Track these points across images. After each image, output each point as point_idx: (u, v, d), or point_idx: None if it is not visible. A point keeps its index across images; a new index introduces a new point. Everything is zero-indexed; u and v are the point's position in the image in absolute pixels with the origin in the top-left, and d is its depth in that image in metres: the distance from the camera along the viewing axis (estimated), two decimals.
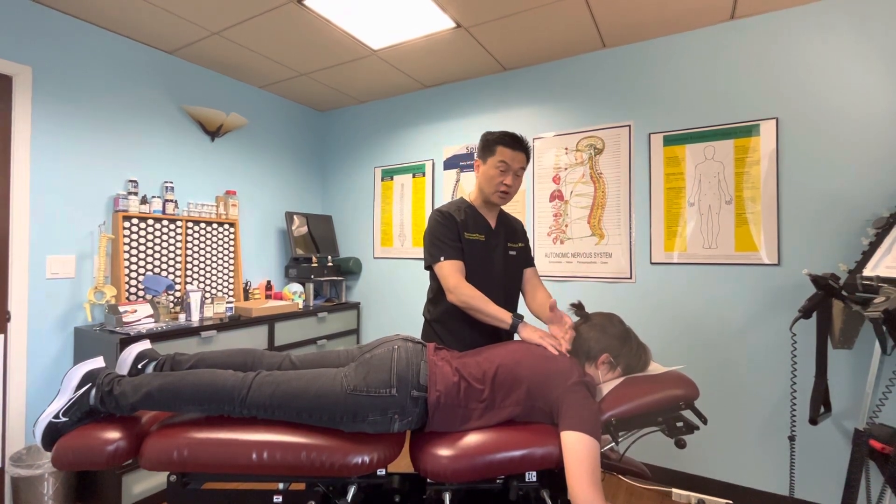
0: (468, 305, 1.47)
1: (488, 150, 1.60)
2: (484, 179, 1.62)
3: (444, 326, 1.63)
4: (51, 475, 2.04)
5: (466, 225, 1.62)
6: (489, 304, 1.45)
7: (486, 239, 1.65)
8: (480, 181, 1.64)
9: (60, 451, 1.09)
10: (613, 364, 1.32)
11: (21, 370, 2.16)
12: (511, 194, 1.62)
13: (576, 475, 1.03)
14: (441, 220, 1.60)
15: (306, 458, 1.10)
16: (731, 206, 2.33)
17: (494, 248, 1.66)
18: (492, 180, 1.59)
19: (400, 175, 3.47)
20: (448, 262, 1.53)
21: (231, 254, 3.04)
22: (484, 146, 1.62)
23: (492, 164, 1.59)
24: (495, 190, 1.60)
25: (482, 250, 1.63)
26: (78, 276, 2.37)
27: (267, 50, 2.74)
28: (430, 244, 1.59)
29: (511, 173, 1.58)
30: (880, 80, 2.04)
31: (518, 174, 1.60)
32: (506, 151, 1.57)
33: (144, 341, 1.36)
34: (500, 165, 1.57)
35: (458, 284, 1.49)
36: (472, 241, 1.61)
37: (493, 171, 1.58)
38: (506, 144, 1.57)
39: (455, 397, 1.19)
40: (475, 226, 1.64)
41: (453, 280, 1.50)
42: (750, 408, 2.28)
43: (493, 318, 1.44)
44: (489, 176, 1.60)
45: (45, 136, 2.25)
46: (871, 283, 1.67)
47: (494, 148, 1.58)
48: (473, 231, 1.63)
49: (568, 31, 2.48)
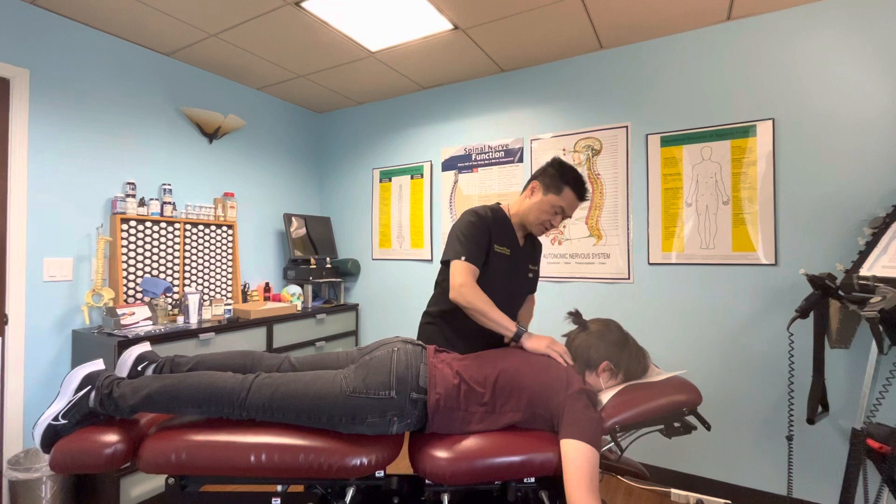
0: (471, 305, 1.42)
1: (555, 186, 1.52)
2: (535, 208, 1.55)
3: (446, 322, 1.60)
4: (49, 478, 2.03)
5: (498, 236, 1.57)
6: (494, 310, 1.42)
7: (511, 254, 1.60)
8: (530, 206, 1.57)
9: (59, 454, 1.09)
10: (614, 371, 1.32)
11: (19, 373, 2.16)
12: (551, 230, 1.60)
13: (574, 483, 1.03)
14: (475, 223, 1.54)
15: (304, 459, 1.10)
16: (728, 207, 2.34)
17: (516, 266, 1.62)
18: (542, 215, 1.55)
19: (398, 176, 3.48)
20: (465, 263, 1.48)
21: (229, 256, 3.04)
22: (553, 178, 1.53)
23: (550, 202, 1.53)
24: (540, 224, 1.56)
25: (505, 265, 1.58)
26: (76, 279, 2.36)
27: (265, 52, 2.74)
28: (455, 240, 1.53)
29: (562, 216, 1.55)
30: (877, 80, 2.05)
31: (566, 218, 1.58)
32: (571, 198, 1.52)
33: (144, 343, 1.36)
34: (558, 209, 1.53)
35: (466, 283, 1.44)
36: (498, 254, 1.56)
37: (547, 209, 1.53)
38: (575, 192, 1.52)
39: (455, 399, 1.19)
40: (505, 239, 1.59)
41: (462, 279, 1.45)
42: (748, 407, 2.29)
43: (496, 324, 1.40)
44: (541, 210, 1.54)
45: (42, 139, 2.25)
46: (868, 282, 1.68)
47: (562, 187, 1.52)
48: (502, 244, 1.58)
49: (565, 32, 2.49)
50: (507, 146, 3.01)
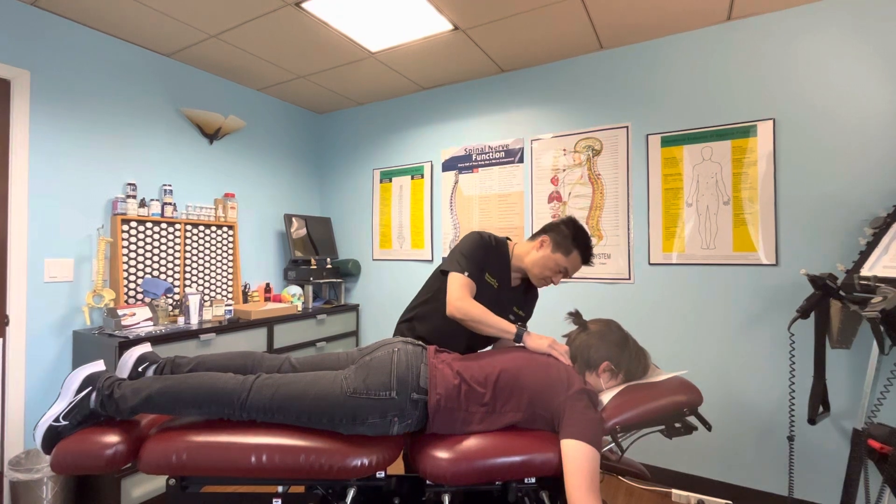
0: (469, 317, 1.43)
1: (564, 246, 1.54)
2: (539, 262, 1.56)
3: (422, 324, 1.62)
4: (50, 479, 2.03)
5: (492, 266, 1.59)
6: (491, 316, 1.42)
7: (498, 288, 1.60)
8: (535, 259, 1.57)
9: (60, 455, 1.09)
10: (615, 371, 1.32)
11: (20, 374, 2.16)
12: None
13: (575, 483, 1.03)
14: (481, 245, 1.58)
15: (305, 460, 1.10)
16: (728, 207, 2.34)
17: (500, 302, 1.60)
18: (544, 270, 1.56)
19: (398, 177, 3.48)
20: (464, 278, 1.50)
21: (230, 256, 3.04)
22: (564, 238, 1.55)
23: (557, 261, 1.54)
24: (542, 278, 1.58)
25: (490, 296, 1.57)
26: (76, 280, 2.36)
27: (265, 52, 2.74)
28: (460, 255, 1.55)
29: (563, 276, 1.57)
30: (877, 80, 2.05)
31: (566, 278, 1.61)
32: (576, 262, 1.55)
33: (145, 344, 1.36)
34: (562, 269, 1.55)
35: (463, 297, 1.46)
36: (487, 283, 1.57)
37: (552, 266, 1.55)
38: (583, 257, 1.55)
39: (455, 400, 1.19)
40: (497, 271, 1.60)
41: (458, 293, 1.46)
42: (748, 408, 2.29)
43: (496, 329, 1.41)
44: (546, 266, 1.55)
45: (43, 140, 2.25)
46: (869, 282, 1.68)
47: (571, 250, 1.53)
48: (493, 275, 1.59)
49: (565, 32, 2.49)
50: (508, 146, 3.01)
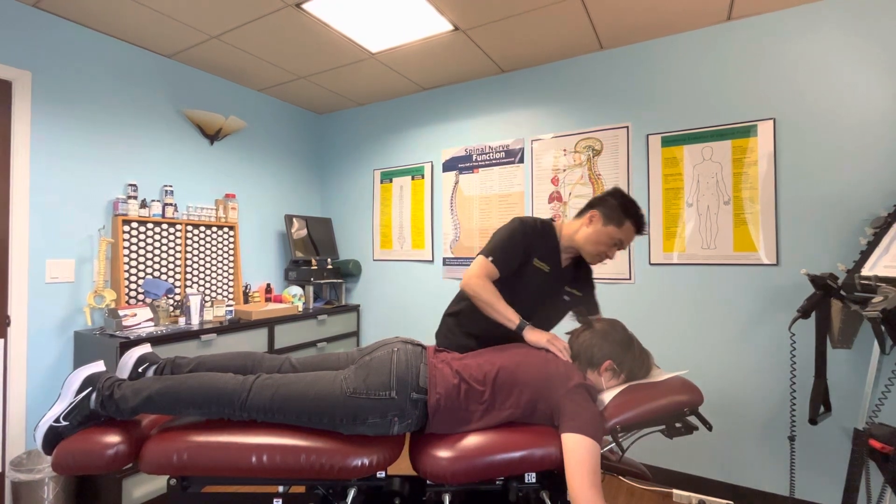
0: (477, 295, 1.45)
1: (615, 218, 1.48)
2: (591, 237, 1.50)
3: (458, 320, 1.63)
4: (51, 479, 2.04)
5: (541, 251, 1.55)
6: (500, 301, 1.44)
7: (550, 272, 1.56)
8: (587, 235, 1.51)
9: (61, 456, 1.09)
10: (617, 371, 1.32)
11: (21, 374, 2.16)
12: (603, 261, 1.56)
13: (576, 477, 1.04)
14: (521, 232, 1.54)
15: (306, 460, 1.10)
16: (729, 207, 2.34)
17: (553, 285, 1.58)
18: (598, 245, 1.50)
19: (399, 177, 3.48)
20: (487, 262, 1.49)
21: (231, 257, 3.04)
22: (613, 210, 1.49)
23: (609, 233, 1.48)
24: (595, 254, 1.52)
25: (541, 282, 1.55)
26: (77, 280, 2.37)
27: (265, 53, 2.75)
28: (494, 242, 1.54)
29: (618, 248, 1.52)
30: (877, 79, 2.05)
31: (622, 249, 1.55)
32: (630, 232, 1.49)
33: (145, 345, 1.36)
34: (617, 241, 1.49)
35: (478, 276, 1.47)
36: (536, 268, 1.54)
37: (605, 240, 1.49)
38: (636, 226, 1.49)
39: (455, 399, 1.19)
40: (547, 255, 1.56)
41: (476, 271, 1.48)
42: (749, 408, 2.28)
43: (500, 315, 1.43)
44: (599, 241, 1.49)
45: (44, 141, 2.26)
46: (870, 282, 1.68)
47: (623, 221, 1.47)
48: (542, 260, 1.55)
49: (565, 33, 2.49)
50: (508, 147, 3.01)
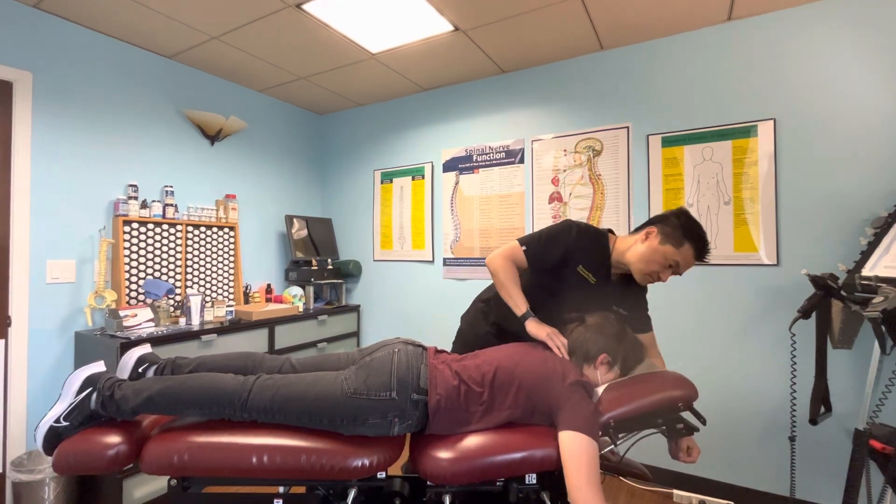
0: (496, 273, 1.49)
1: (675, 240, 1.38)
2: (645, 255, 1.41)
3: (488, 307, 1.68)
4: (52, 480, 2.04)
5: (588, 260, 1.49)
6: (515, 286, 1.47)
7: (596, 284, 1.49)
8: (640, 253, 1.42)
9: (61, 456, 1.09)
10: (612, 364, 1.32)
11: (22, 375, 2.16)
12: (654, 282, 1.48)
13: (574, 475, 1.04)
14: (565, 233, 1.50)
15: (306, 461, 1.10)
16: (729, 207, 2.34)
17: (598, 299, 1.49)
18: (651, 265, 1.40)
19: (399, 178, 3.48)
20: (520, 250, 1.50)
21: (231, 257, 3.04)
22: (675, 229, 1.39)
23: (666, 254, 1.38)
24: (645, 273, 1.43)
25: (584, 291, 1.48)
26: (78, 281, 2.37)
27: (266, 54, 2.75)
28: (538, 234, 1.53)
29: (672, 272, 1.42)
30: (878, 79, 2.05)
31: (676, 274, 1.45)
32: (688, 255, 1.39)
33: (145, 345, 1.36)
34: (672, 263, 1.39)
35: (505, 258, 1.50)
36: (581, 277, 1.48)
37: (660, 259, 1.39)
38: (696, 250, 1.39)
39: (455, 400, 1.20)
40: (593, 265, 1.49)
41: (505, 252, 1.51)
42: (750, 408, 2.28)
43: (510, 298, 1.47)
44: (653, 259, 1.40)
45: (45, 141, 2.26)
46: (870, 282, 1.67)
47: (683, 242, 1.38)
48: (589, 269, 1.48)
49: (565, 33, 2.49)
50: (508, 147, 3.01)
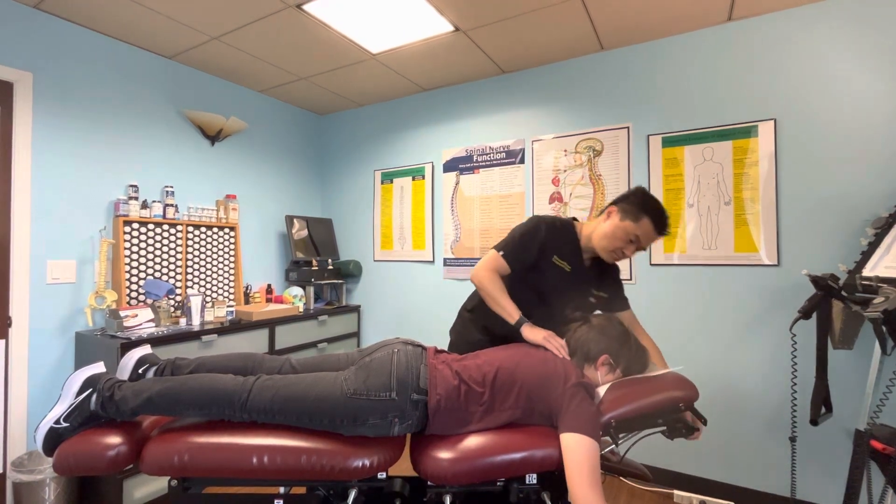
0: (482, 287, 1.47)
1: (633, 214, 1.44)
2: (608, 234, 1.47)
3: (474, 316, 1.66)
4: (52, 480, 2.04)
5: (561, 248, 1.53)
6: (503, 296, 1.45)
7: (572, 272, 1.53)
8: (604, 232, 1.48)
9: (62, 457, 1.09)
10: (613, 365, 1.33)
11: (22, 375, 2.16)
12: (621, 260, 1.52)
13: (576, 477, 1.04)
14: (534, 229, 1.53)
15: (307, 461, 1.10)
16: (730, 207, 2.34)
17: (577, 286, 1.55)
18: (613, 241, 1.46)
19: (399, 178, 3.48)
20: (499, 257, 1.50)
21: (231, 258, 3.04)
22: (632, 206, 1.45)
23: (626, 229, 1.44)
24: (609, 250, 1.48)
25: (563, 282, 1.53)
26: (79, 281, 2.37)
27: (266, 54, 2.75)
28: (510, 238, 1.54)
29: (635, 246, 1.47)
30: (879, 80, 2.05)
31: (640, 250, 1.49)
32: (647, 228, 1.43)
33: (145, 346, 1.36)
34: (632, 237, 1.44)
35: (487, 269, 1.48)
36: (557, 266, 1.52)
37: (621, 235, 1.45)
38: (655, 224, 1.44)
39: (455, 400, 1.19)
40: (567, 254, 1.53)
41: (486, 265, 1.49)
42: (750, 409, 2.28)
43: (502, 309, 1.45)
44: (615, 236, 1.45)
45: (45, 142, 2.26)
46: (871, 283, 1.67)
47: (640, 217, 1.43)
48: (563, 258, 1.52)
49: (566, 33, 2.49)
50: (509, 147, 3.01)
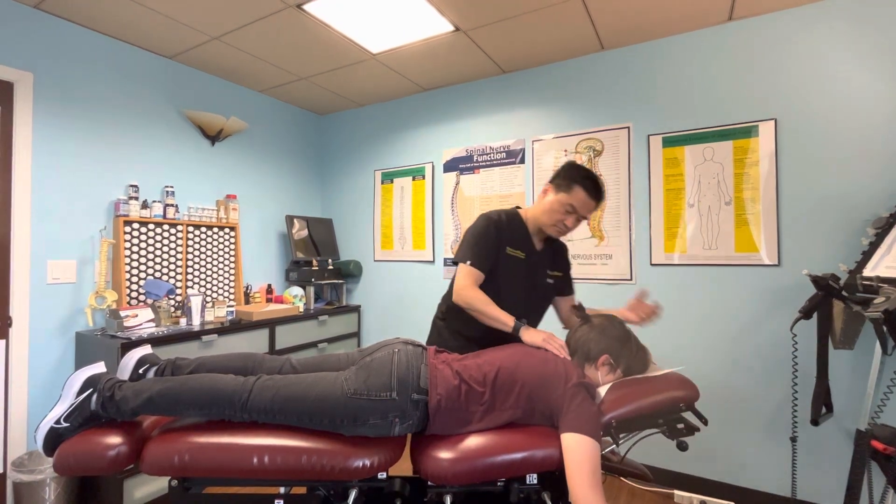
0: (470, 306, 1.47)
1: (565, 186, 1.51)
2: (547, 210, 1.54)
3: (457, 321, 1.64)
4: (53, 480, 2.04)
5: (511, 239, 1.57)
6: (491, 307, 1.45)
7: (527, 258, 1.59)
8: (543, 208, 1.56)
9: (62, 457, 1.09)
10: (613, 365, 1.32)
11: (23, 375, 2.16)
12: (568, 232, 1.57)
13: (576, 477, 1.04)
14: (486, 227, 1.56)
15: (307, 461, 1.10)
16: (730, 207, 2.34)
17: (532, 271, 1.61)
18: (553, 215, 1.53)
19: (400, 178, 3.48)
20: (469, 268, 1.51)
21: (232, 258, 3.04)
22: (562, 179, 1.52)
23: (561, 201, 1.51)
24: (553, 225, 1.54)
25: (518, 269, 1.58)
26: (79, 281, 2.37)
27: (266, 54, 2.75)
28: (466, 243, 1.56)
29: (575, 216, 1.52)
30: (880, 79, 2.05)
31: (581, 219, 1.54)
32: (581, 197, 1.49)
33: (145, 346, 1.36)
34: (569, 208, 1.50)
35: (466, 287, 1.49)
36: (511, 256, 1.56)
37: (559, 208, 1.51)
38: (585, 189, 1.49)
39: (456, 400, 1.19)
40: (518, 242, 1.59)
41: (463, 282, 1.50)
42: (751, 409, 2.28)
43: (495, 321, 1.44)
44: (553, 210, 1.52)
45: (46, 142, 2.26)
46: (871, 283, 1.67)
47: (572, 187, 1.49)
48: (516, 247, 1.58)
49: (566, 33, 2.49)
50: (509, 147, 3.01)
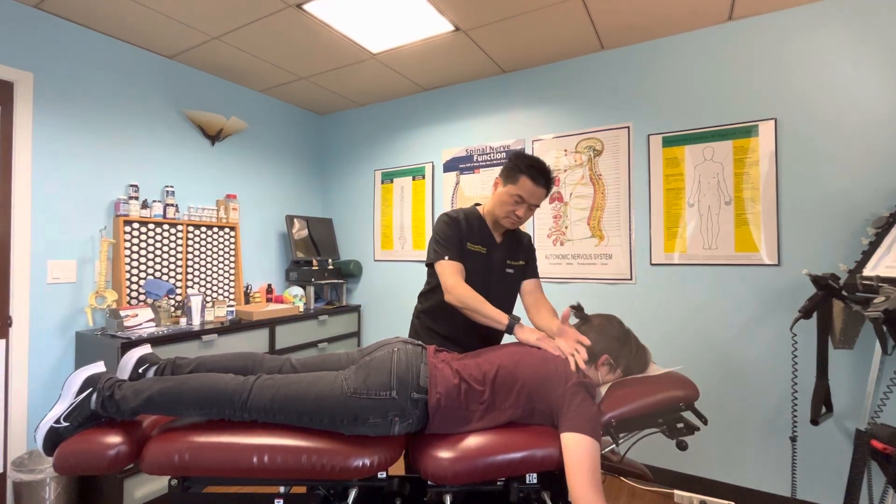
0: (464, 305, 1.47)
1: (511, 177, 1.54)
2: (498, 202, 1.58)
3: (429, 318, 1.69)
4: (52, 480, 2.04)
5: (471, 235, 1.61)
6: (485, 305, 1.45)
7: (488, 252, 1.63)
8: (495, 202, 1.60)
9: (62, 456, 1.09)
10: (613, 365, 1.33)
11: (23, 375, 2.17)
12: (522, 222, 1.60)
13: (576, 476, 1.04)
14: (448, 223, 1.60)
15: (307, 461, 1.10)
16: (730, 207, 2.34)
17: (494, 263, 1.65)
18: (504, 206, 1.56)
19: (400, 178, 3.48)
20: (449, 262, 1.53)
21: (232, 257, 3.04)
22: (509, 170, 1.56)
23: (509, 192, 1.54)
24: (504, 216, 1.58)
25: (481, 263, 1.61)
26: (79, 281, 2.37)
27: (267, 54, 2.75)
28: (435, 243, 1.59)
29: (525, 206, 1.54)
30: (880, 79, 2.05)
31: (533, 208, 1.57)
32: (527, 185, 1.51)
33: (145, 346, 1.36)
34: (517, 198, 1.53)
35: (456, 284, 1.49)
36: (473, 252, 1.60)
37: (507, 199, 1.54)
38: (531, 178, 1.51)
39: (455, 399, 1.19)
40: (479, 237, 1.63)
41: (452, 280, 1.51)
42: (751, 408, 2.28)
43: (489, 319, 1.44)
44: (503, 202, 1.56)
45: (46, 142, 2.26)
46: (871, 282, 1.67)
47: (518, 177, 1.52)
48: (476, 242, 1.62)
49: (566, 33, 2.49)
50: (509, 147, 3.01)
